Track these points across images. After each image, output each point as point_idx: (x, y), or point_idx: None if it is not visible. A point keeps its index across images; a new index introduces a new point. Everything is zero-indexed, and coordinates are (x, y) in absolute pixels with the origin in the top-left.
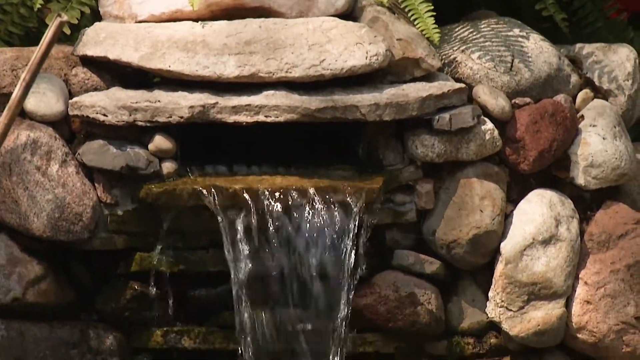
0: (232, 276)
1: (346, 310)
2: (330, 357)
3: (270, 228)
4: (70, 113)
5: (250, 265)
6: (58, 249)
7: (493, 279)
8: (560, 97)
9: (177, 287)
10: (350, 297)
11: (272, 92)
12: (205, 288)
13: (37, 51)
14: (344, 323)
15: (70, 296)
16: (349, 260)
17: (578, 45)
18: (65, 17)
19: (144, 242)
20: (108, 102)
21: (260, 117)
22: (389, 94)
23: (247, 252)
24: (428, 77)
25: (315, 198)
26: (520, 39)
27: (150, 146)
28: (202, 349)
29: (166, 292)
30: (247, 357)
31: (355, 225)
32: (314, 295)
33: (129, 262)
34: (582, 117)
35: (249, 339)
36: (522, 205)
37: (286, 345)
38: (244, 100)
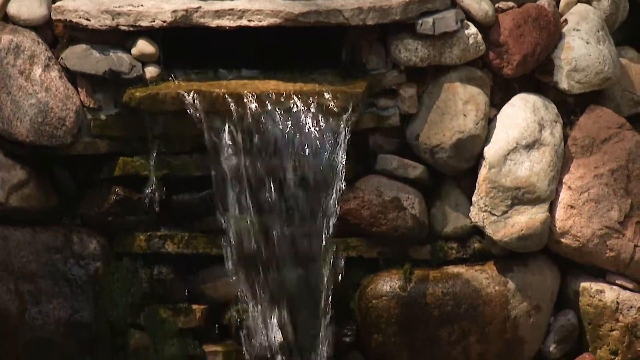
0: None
1: (333, 214)
2: (318, 263)
3: (253, 132)
4: (53, 17)
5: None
6: (41, 154)
7: (477, 184)
8: (544, 1)
9: (161, 191)
10: (337, 201)
11: None
12: (189, 193)
13: None
14: (330, 227)
15: (53, 201)
16: (332, 164)
17: None
18: None
19: (127, 147)
20: (91, 7)
21: (243, 22)
22: None
23: (231, 156)
24: None
25: (298, 102)
26: None
27: (134, 51)
28: (186, 254)
29: (149, 196)
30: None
31: (338, 128)
32: (298, 199)
33: (112, 166)
34: (566, 21)
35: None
36: (506, 109)
37: (272, 251)
38: (227, 4)
